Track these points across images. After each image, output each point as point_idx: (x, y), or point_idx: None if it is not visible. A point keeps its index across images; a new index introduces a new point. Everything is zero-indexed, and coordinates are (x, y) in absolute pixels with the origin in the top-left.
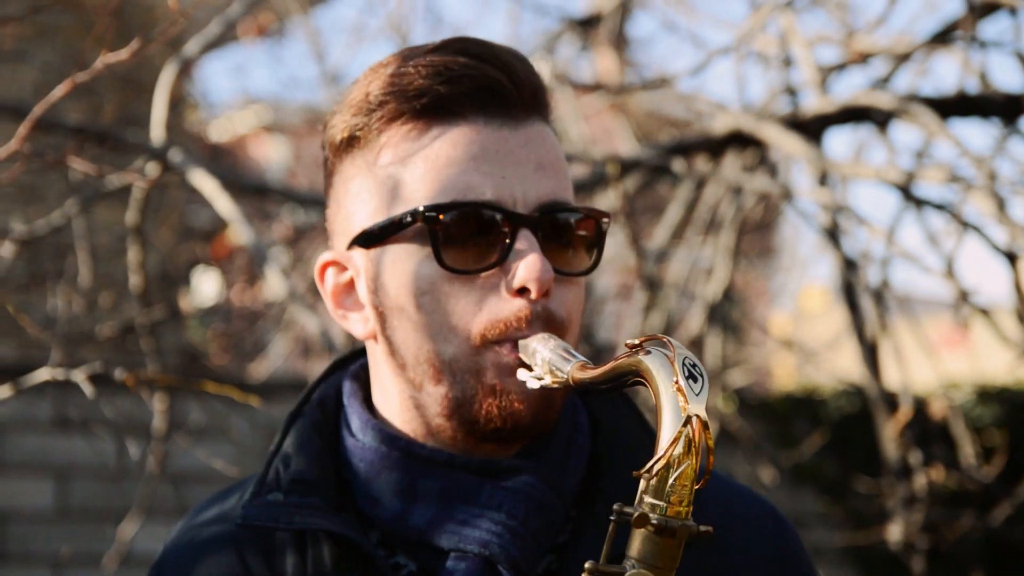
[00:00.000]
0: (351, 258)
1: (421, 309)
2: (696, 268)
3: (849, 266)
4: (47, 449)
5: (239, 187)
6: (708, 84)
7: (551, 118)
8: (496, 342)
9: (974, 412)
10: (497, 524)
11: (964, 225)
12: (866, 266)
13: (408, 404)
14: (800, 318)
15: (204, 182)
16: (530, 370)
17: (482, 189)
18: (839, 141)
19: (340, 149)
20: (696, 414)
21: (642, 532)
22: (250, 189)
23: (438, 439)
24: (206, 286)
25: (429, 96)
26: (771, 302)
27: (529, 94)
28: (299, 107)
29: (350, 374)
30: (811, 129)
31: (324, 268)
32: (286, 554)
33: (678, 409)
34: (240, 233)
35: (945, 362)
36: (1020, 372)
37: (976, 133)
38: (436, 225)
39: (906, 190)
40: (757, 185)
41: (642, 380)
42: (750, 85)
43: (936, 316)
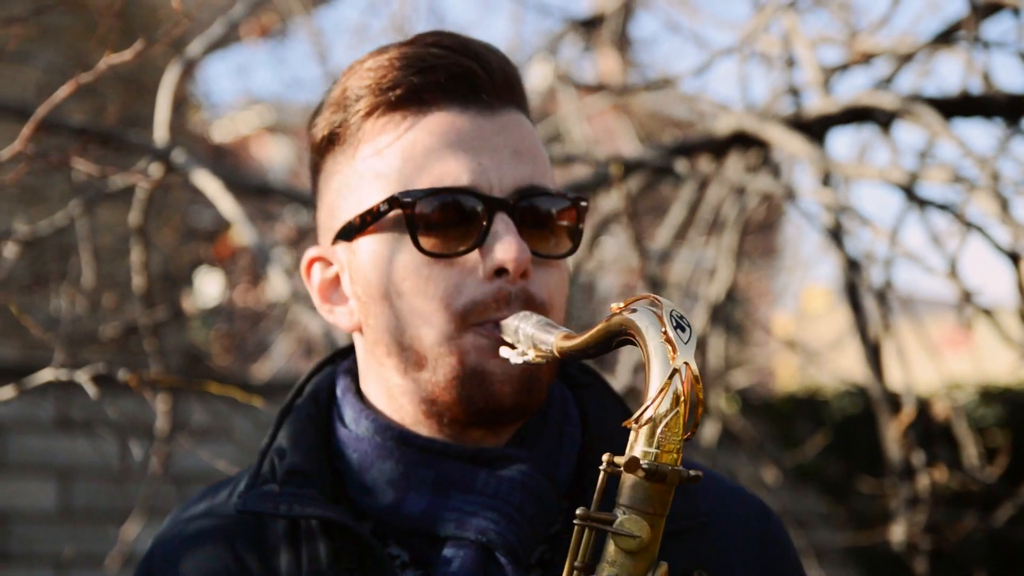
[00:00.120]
0: (335, 253)
1: (401, 296)
2: (699, 268)
3: (852, 266)
4: (50, 450)
5: (242, 188)
6: (711, 85)
7: (528, 107)
8: (476, 325)
9: (977, 413)
10: (494, 511)
11: (967, 225)
12: (869, 266)
13: (395, 392)
14: (803, 319)
15: (207, 183)
16: (513, 348)
17: (458, 175)
18: (842, 141)
19: (322, 148)
20: (685, 362)
21: (632, 479)
22: (253, 190)
23: (427, 426)
24: (209, 287)
25: (403, 87)
26: (774, 303)
27: (502, 82)
28: (302, 108)
29: (343, 370)
30: (814, 129)
31: (310, 264)
32: (280, 549)
33: (667, 359)
34: (243, 234)
35: (948, 363)
36: (1023, 373)
37: (979, 133)
38: (412, 211)
39: (909, 190)
40: (760, 185)
41: (630, 338)
42: (753, 85)
43: (939, 317)
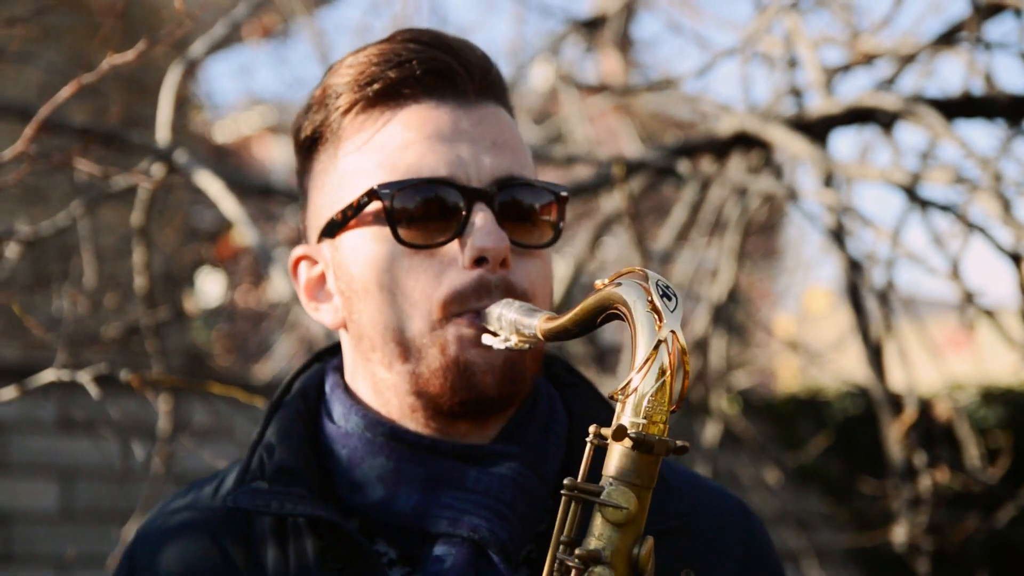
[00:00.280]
0: (320, 251)
1: (383, 288)
2: (701, 269)
3: (854, 267)
4: (52, 450)
5: (244, 188)
6: (713, 85)
7: (508, 102)
8: (458, 314)
9: (979, 413)
10: (485, 508)
11: (969, 226)
12: (871, 267)
13: (382, 387)
14: (805, 319)
15: (209, 183)
16: (495, 336)
17: (436, 166)
18: (844, 142)
19: (307, 148)
20: (672, 331)
21: (620, 449)
22: (255, 190)
23: (414, 420)
24: (211, 287)
25: (380, 82)
26: (776, 303)
27: (480, 76)
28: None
29: (331, 367)
30: (816, 130)
31: (296, 263)
32: (267, 545)
33: (653, 327)
34: (245, 234)
35: (950, 363)
36: None
37: (981, 134)
38: (391, 203)
39: (911, 191)
40: (762, 186)
41: (616, 312)
42: (755, 86)
43: (941, 317)
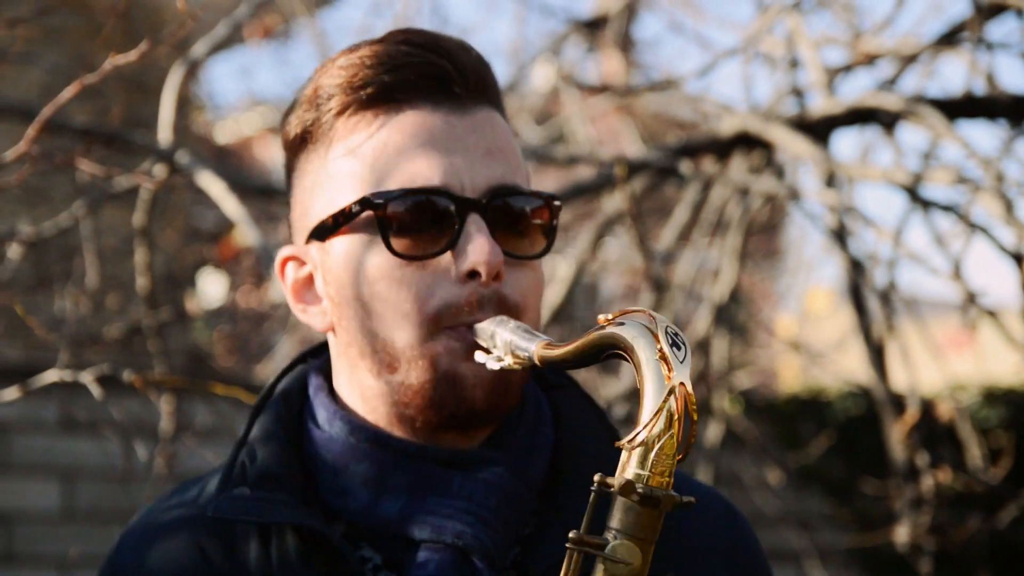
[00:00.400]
0: (308, 252)
1: (374, 298)
2: (703, 269)
3: (856, 267)
4: (54, 450)
5: (246, 189)
6: (715, 86)
7: (502, 104)
8: (449, 327)
9: (981, 414)
10: (469, 515)
11: (971, 226)
12: (873, 267)
13: (368, 394)
14: (806, 320)
15: (211, 184)
16: (488, 353)
17: (430, 175)
18: (846, 142)
19: (295, 146)
20: (681, 382)
21: (624, 502)
22: (256, 191)
23: (400, 428)
24: (212, 288)
25: (374, 86)
26: (777, 304)
27: (475, 80)
28: None
29: (315, 369)
30: (818, 130)
31: (284, 263)
32: (249, 544)
33: (662, 378)
34: (246, 234)
35: (952, 364)
36: None
37: (983, 134)
38: (384, 212)
39: (913, 191)
40: (764, 186)
41: (620, 353)
42: (757, 86)
43: (943, 318)
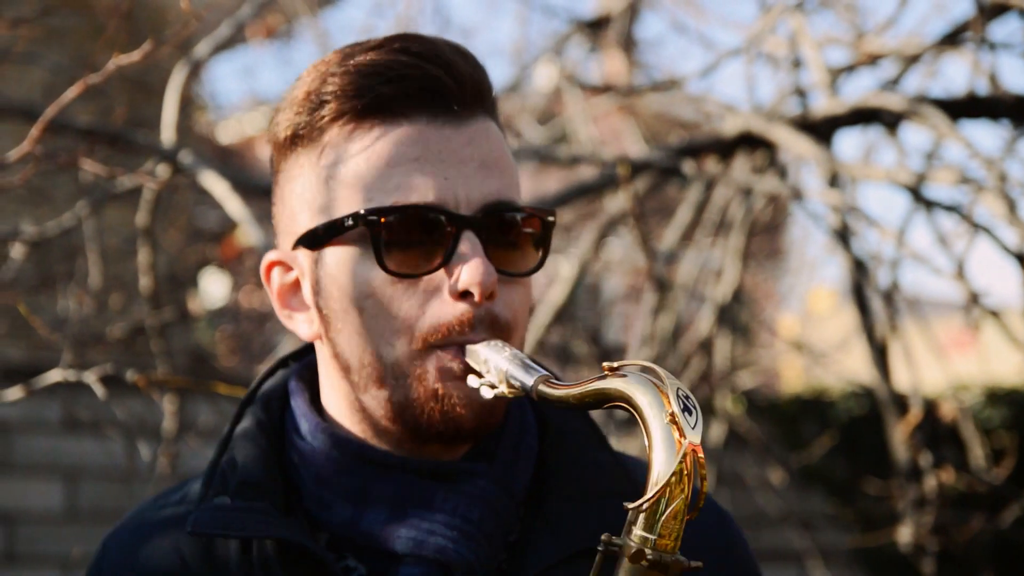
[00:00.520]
0: (296, 258)
1: (364, 313)
2: (705, 270)
3: (859, 268)
4: (57, 450)
5: (249, 189)
6: (717, 86)
7: (496, 111)
8: (439, 346)
9: (984, 414)
10: (452, 529)
11: (974, 227)
12: (876, 268)
13: (354, 407)
14: (809, 320)
15: (214, 184)
16: (480, 377)
17: (424, 190)
18: (849, 143)
19: (284, 147)
20: (693, 448)
21: (633, 566)
22: (259, 191)
23: (384, 440)
24: (215, 287)
25: (371, 96)
26: (780, 304)
27: (472, 91)
28: None
29: (295, 373)
30: (821, 130)
31: (270, 267)
32: (229, 550)
33: (673, 443)
34: (249, 234)
35: (955, 364)
36: None
37: (986, 134)
38: (377, 228)
39: (916, 191)
40: (767, 186)
41: (625, 407)
42: (760, 87)
43: (946, 318)
